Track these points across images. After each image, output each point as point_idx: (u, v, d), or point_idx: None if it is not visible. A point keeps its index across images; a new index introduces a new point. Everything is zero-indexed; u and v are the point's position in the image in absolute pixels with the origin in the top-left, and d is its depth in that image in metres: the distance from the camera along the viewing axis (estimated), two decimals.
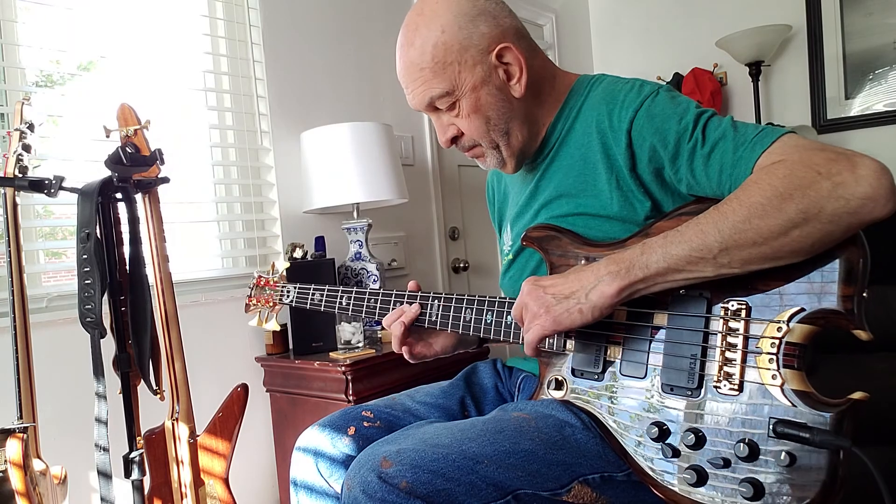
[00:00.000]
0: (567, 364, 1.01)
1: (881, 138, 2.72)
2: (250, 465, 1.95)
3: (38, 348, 1.29)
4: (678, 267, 0.86)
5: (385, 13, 2.47)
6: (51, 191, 1.25)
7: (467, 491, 0.88)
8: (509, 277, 1.21)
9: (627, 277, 0.88)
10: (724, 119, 0.94)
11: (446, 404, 1.20)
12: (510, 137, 1.08)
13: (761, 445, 0.81)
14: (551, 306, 0.93)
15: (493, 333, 1.08)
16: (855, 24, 2.74)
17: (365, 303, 1.21)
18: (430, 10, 1.03)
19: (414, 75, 1.05)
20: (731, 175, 0.90)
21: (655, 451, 0.89)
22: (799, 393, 0.81)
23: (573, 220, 1.06)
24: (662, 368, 0.91)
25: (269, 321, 1.37)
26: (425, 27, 1.02)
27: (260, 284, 1.38)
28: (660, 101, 0.99)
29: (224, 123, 2.05)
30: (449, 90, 1.04)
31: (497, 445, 0.93)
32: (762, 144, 0.88)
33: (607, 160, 1.03)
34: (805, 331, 0.82)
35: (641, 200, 1.01)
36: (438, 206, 2.63)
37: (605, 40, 3.49)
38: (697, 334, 0.89)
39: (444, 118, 1.09)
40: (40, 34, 1.66)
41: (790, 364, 0.82)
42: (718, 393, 0.86)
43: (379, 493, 0.87)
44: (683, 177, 0.96)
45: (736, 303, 0.87)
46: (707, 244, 0.84)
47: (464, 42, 1.02)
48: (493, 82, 1.04)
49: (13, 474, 1.13)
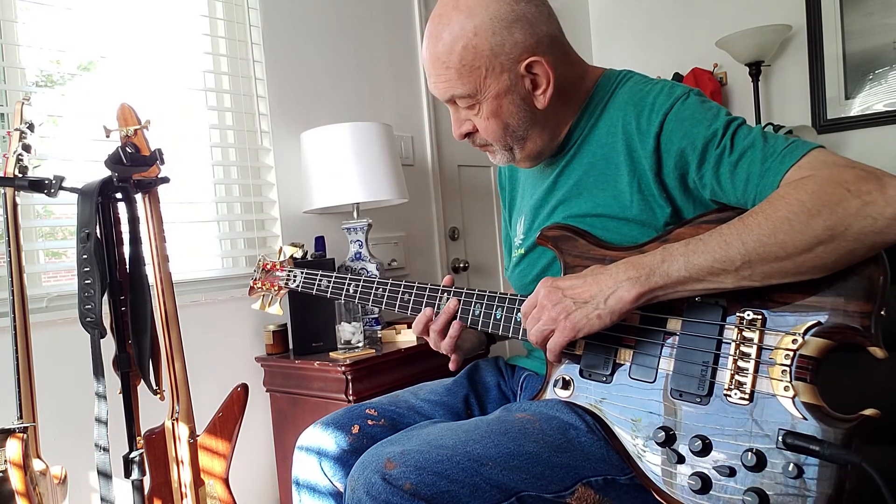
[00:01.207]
0: (576, 364, 1.01)
1: (881, 138, 2.72)
2: (250, 465, 1.95)
3: (38, 348, 1.29)
4: (699, 277, 0.85)
5: (385, 13, 2.47)
6: (51, 191, 1.25)
7: (471, 493, 0.88)
8: (519, 271, 1.19)
9: (647, 284, 0.87)
10: (755, 128, 0.94)
11: (450, 402, 1.20)
12: (526, 142, 1.07)
13: (769, 456, 0.81)
14: (571, 312, 0.92)
15: (501, 329, 1.07)
16: (855, 24, 2.74)
17: (372, 291, 1.20)
18: (467, 5, 0.99)
19: (438, 70, 1.02)
20: (757, 185, 0.89)
21: (661, 457, 0.89)
22: (810, 406, 0.80)
23: (591, 221, 1.05)
24: (673, 374, 0.90)
25: (273, 305, 1.35)
26: (458, 24, 0.98)
27: (266, 268, 1.36)
28: (690, 104, 0.97)
29: (224, 123, 2.05)
30: (471, 93, 1.02)
31: (501, 447, 0.92)
32: (791, 158, 0.87)
33: (631, 162, 1.02)
34: (820, 345, 0.81)
35: (662, 206, 1.00)
36: (438, 206, 2.63)
37: (605, 40, 3.49)
38: (711, 342, 0.89)
39: (462, 113, 1.07)
40: (40, 34, 1.66)
41: (803, 377, 0.81)
42: (728, 401, 0.85)
43: (383, 494, 0.87)
44: (708, 182, 0.95)
45: (752, 312, 0.86)
46: (730, 256, 0.83)
47: (495, 48, 0.98)
48: (517, 91, 1.02)
49: (13, 474, 1.13)
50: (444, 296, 1.12)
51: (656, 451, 0.90)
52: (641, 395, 0.93)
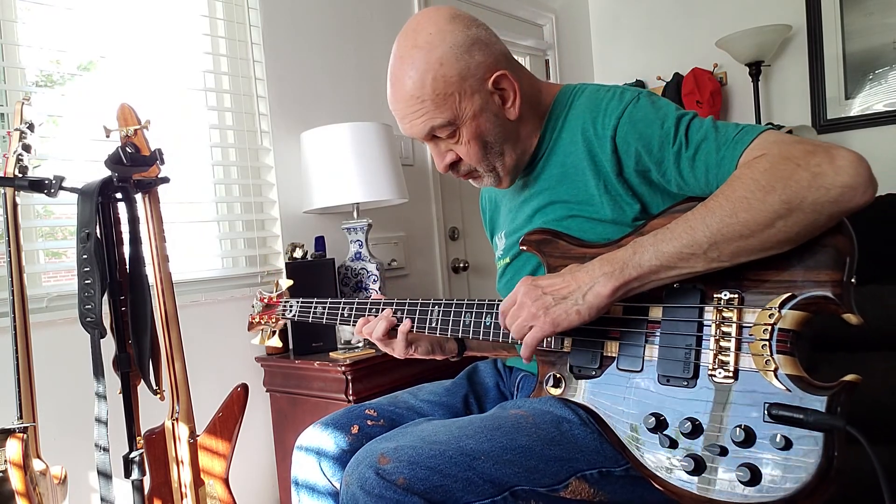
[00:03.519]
0: (565, 361, 1.02)
1: (881, 138, 2.72)
2: (250, 465, 1.95)
3: (38, 348, 1.29)
4: (670, 264, 0.88)
5: (385, 13, 2.47)
6: (51, 191, 1.25)
7: (464, 487, 0.89)
8: (506, 281, 1.22)
9: (621, 277, 0.90)
10: (705, 120, 0.97)
11: (450, 402, 1.21)
12: (504, 158, 1.11)
13: (757, 430, 0.82)
14: (550, 307, 0.93)
15: (492, 336, 1.08)
16: (855, 24, 2.74)
17: (366, 314, 1.22)
18: (425, 41, 1.03)
19: (414, 107, 1.04)
20: (716, 174, 0.92)
21: (653, 443, 0.90)
22: (792, 377, 0.82)
23: (568, 224, 1.08)
24: (658, 360, 0.93)
25: (273, 338, 1.38)
26: (422, 59, 1.02)
27: (262, 301, 1.39)
28: (641, 106, 1.01)
29: (224, 123, 2.05)
30: (451, 119, 1.04)
31: (494, 442, 0.93)
32: (743, 142, 0.91)
33: (594, 166, 1.05)
34: (797, 317, 0.84)
35: (630, 203, 1.03)
36: (438, 206, 2.63)
37: (605, 40, 3.49)
38: (692, 325, 0.91)
39: (442, 145, 1.10)
40: (40, 34, 1.66)
41: (783, 350, 0.84)
42: (714, 381, 0.87)
43: (376, 489, 0.88)
44: (672, 178, 0.98)
45: (728, 293, 0.89)
46: (696, 240, 0.86)
47: (462, 72, 1.03)
48: (490, 108, 1.06)
49: (13, 474, 1.13)
50: (436, 309, 1.13)
51: (649, 438, 0.91)
52: (630, 384, 0.95)
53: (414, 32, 1.05)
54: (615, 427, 0.95)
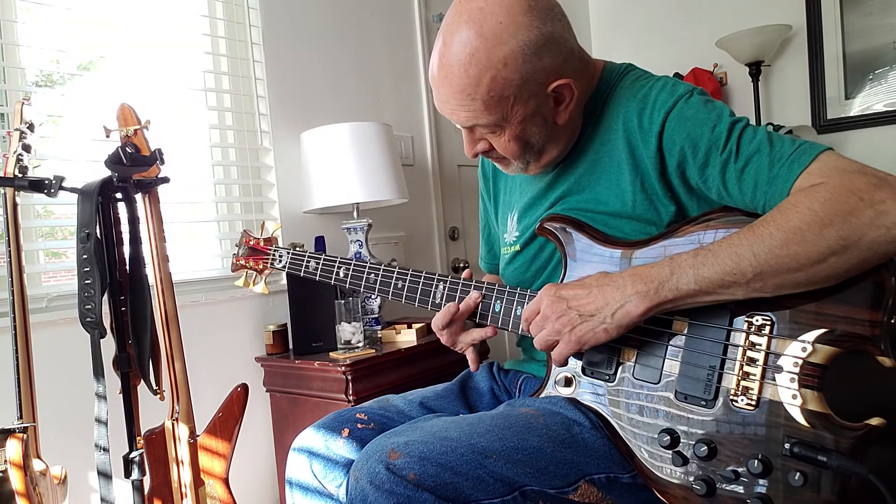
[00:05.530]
0: (578, 362, 1.00)
1: (881, 138, 2.72)
2: (250, 465, 1.95)
3: (38, 348, 1.29)
4: (709, 290, 0.84)
5: (385, 13, 2.47)
6: (51, 191, 1.25)
7: (474, 485, 0.88)
8: (514, 268, 1.18)
9: (656, 298, 0.86)
10: (759, 130, 0.90)
11: (440, 406, 1.19)
12: (543, 154, 1.05)
13: (774, 463, 0.80)
14: (576, 325, 0.91)
15: (500, 323, 1.05)
16: (855, 24, 2.74)
17: (364, 276, 1.18)
18: (492, 31, 0.90)
19: (462, 101, 0.95)
20: (766, 192, 0.87)
21: (665, 458, 0.89)
22: (817, 414, 0.80)
23: (592, 217, 1.03)
24: (678, 376, 0.90)
25: (258, 284, 1.33)
26: (484, 54, 0.90)
27: (249, 244, 1.33)
28: (693, 103, 0.95)
29: (224, 123, 2.05)
30: (498, 122, 0.97)
31: (505, 441, 0.92)
32: (800, 163, 0.84)
33: (633, 161, 1.00)
34: (828, 352, 0.81)
35: (666, 204, 0.99)
36: (438, 206, 2.63)
37: (605, 41, 3.49)
38: (718, 345, 0.87)
39: (477, 133, 1.02)
40: (40, 34, 1.66)
41: (810, 384, 0.81)
42: (734, 406, 0.85)
43: (387, 483, 0.86)
44: (714, 186, 0.93)
45: (761, 318, 0.85)
46: (741, 268, 0.81)
47: (525, 76, 0.93)
48: (541, 113, 0.98)
49: (13, 474, 1.13)
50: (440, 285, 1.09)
51: (661, 453, 0.89)
52: (645, 395, 0.92)
53: (480, 14, 0.91)
54: (624, 436, 0.94)
